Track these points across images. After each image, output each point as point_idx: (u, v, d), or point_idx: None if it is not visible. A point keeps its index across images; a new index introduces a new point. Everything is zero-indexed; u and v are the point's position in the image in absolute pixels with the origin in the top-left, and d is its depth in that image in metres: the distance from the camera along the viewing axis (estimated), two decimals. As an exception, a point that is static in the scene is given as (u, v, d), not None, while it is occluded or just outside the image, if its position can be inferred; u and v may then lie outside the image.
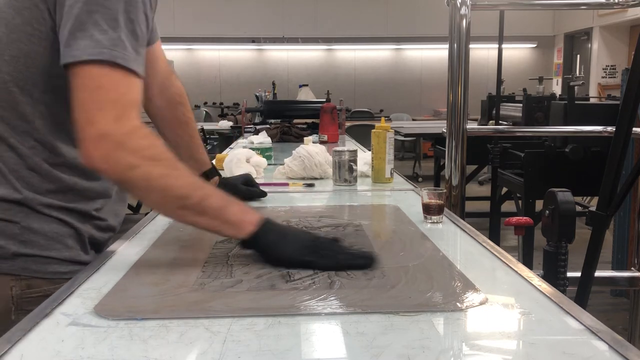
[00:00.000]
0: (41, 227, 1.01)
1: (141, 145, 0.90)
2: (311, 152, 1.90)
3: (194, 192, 0.93)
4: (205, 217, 0.94)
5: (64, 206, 1.03)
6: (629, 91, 2.01)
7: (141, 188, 0.91)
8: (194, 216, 0.94)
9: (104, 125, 0.87)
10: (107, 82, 0.89)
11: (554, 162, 3.04)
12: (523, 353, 0.69)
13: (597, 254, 2.06)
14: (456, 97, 2.40)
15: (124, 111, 0.90)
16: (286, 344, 0.70)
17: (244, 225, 0.95)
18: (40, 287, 1.01)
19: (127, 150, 0.89)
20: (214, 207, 0.94)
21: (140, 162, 0.89)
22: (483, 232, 1.27)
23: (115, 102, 0.89)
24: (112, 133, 0.88)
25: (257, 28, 9.16)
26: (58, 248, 1.03)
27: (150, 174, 0.90)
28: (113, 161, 0.88)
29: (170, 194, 0.92)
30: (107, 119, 0.88)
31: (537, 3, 3.01)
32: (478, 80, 8.34)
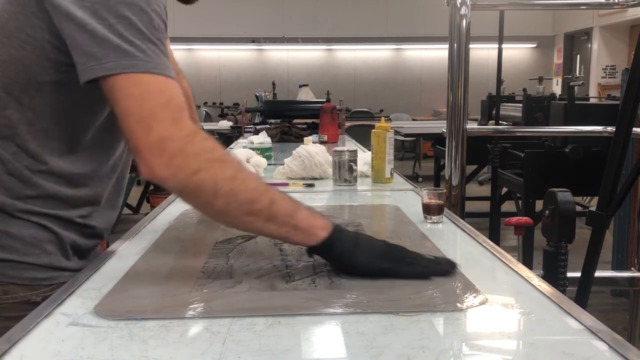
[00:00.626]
0: (19, 232, 0.98)
1: (205, 147, 0.86)
2: (311, 152, 1.90)
3: (262, 196, 0.87)
4: (274, 224, 0.88)
5: (44, 212, 0.99)
6: (629, 91, 2.01)
7: (208, 193, 0.84)
8: (262, 222, 0.87)
9: (162, 130, 0.83)
10: (153, 88, 0.86)
11: (554, 162, 3.04)
12: (523, 353, 0.69)
13: (597, 254, 2.06)
14: (456, 97, 2.41)
15: (178, 114, 0.86)
16: (286, 344, 0.70)
17: (315, 231, 0.90)
18: (16, 293, 0.98)
19: (191, 154, 0.84)
20: (283, 212, 0.88)
21: (205, 165, 0.84)
22: (483, 232, 1.27)
23: (167, 106, 0.85)
24: (173, 136, 0.83)
25: (257, 28, 9.17)
26: (36, 254, 0.99)
27: (218, 177, 0.85)
28: (177, 167, 0.83)
29: (239, 199, 0.85)
30: (165, 123, 0.84)
31: (537, 3, 3.01)
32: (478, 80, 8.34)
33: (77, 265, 1.05)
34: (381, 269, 0.91)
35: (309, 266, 0.98)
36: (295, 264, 0.99)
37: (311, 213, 0.91)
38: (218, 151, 0.87)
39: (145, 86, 0.86)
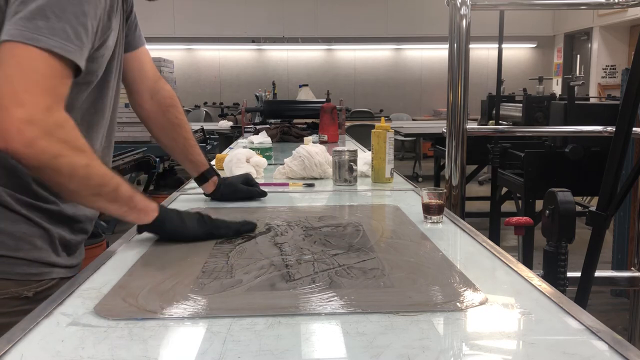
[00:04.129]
0: (8, 227, 0.98)
1: (70, 136, 0.91)
2: (311, 152, 1.90)
3: (109, 181, 0.98)
4: (116, 204, 1.01)
5: (33, 204, 1.01)
6: (629, 91, 2.01)
7: (64, 175, 0.91)
8: (106, 202, 0.99)
9: (31, 110, 0.84)
10: (44, 70, 0.87)
11: (554, 162, 3.04)
12: (523, 353, 0.69)
13: (597, 254, 2.06)
14: (456, 97, 2.41)
15: (55, 101, 0.88)
16: (286, 344, 0.70)
17: (149, 212, 1.08)
18: (7, 288, 0.98)
19: (55, 140, 0.87)
20: (125, 195, 1.01)
21: (67, 152, 0.90)
22: (483, 232, 1.27)
23: (48, 91, 0.87)
24: (42, 120, 0.85)
25: (257, 28, 9.17)
26: (27, 249, 1.00)
27: (75, 163, 0.91)
28: (39, 148, 0.86)
29: (90, 182, 0.95)
30: (38, 106, 0.85)
31: (537, 3, 3.01)
32: (478, 80, 8.35)
33: (65, 261, 1.06)
34: (206, 232, 1.14)
35: (309, 266, 0.98)
36: (295, 264, 0.99)
37: (145, 198, 1.08)
38: (80, 140, 0.93)
39: (37, 63, 0.86)
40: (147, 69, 1.33)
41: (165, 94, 1.37)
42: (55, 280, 1.03)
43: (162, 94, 1.36)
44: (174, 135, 1.40)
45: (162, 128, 1.38)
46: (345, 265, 0.98)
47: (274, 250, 1.08)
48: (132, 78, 1.30)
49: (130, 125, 3.80)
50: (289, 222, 1.29)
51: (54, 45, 0.87)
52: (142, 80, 1.32)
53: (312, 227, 1.25)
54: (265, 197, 1.57)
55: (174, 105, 1.39)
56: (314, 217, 1.35)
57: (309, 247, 1.09)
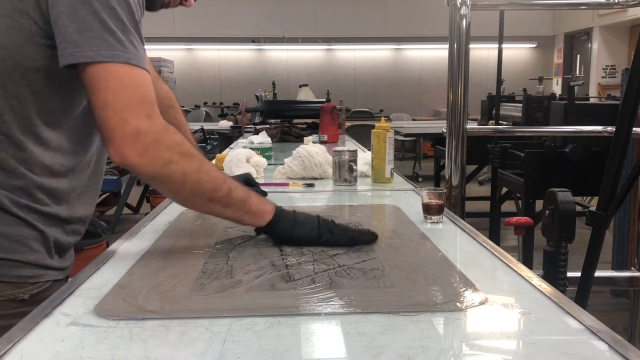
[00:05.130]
0: (5, 229, 0.97)
1: (175, 141, 0.95)
2: (311, 152, 1.90)
3: (222, 186, 1.00)
4: (231, 209, 1.02)
5: (30, 205, 1.00)
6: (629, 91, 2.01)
7: (177, 182, 0.95)
8: (220, 208, 1.01)
9: (138, 123, 0.90)
10: (131, 83, 0.91)
11: (554, 162, 3.04)
12: (523, 353, 0.69)
13: (597, 254, 2.06)
14: (456, 97, 2.41)
15: (152, 109, 0.93)
16: (286, 344, 0.70)
17: (263, 215, 1.07)
18: (4, 290, 0.98)
19: (164, 146, 0.92)
20: (239, 199, 1.02)
21: (177, 157, 0.94)
22: (483, 232, 1.27)
23: (143, 102, 0.92)
24: (148, 130, 0.91)
25: (257, 28, 9.17)
26: (23, 251, 1.00)
27: (187, 168, 0.95)
28: (151, 157, 0.91)
29: (203, 188, 0.97)
30: (140, 118, 0.91)
31: (537, 3, 3.01)
32: (478, 80, 8.35)
33: (58, 263, 1.06)
34: (316, 240, 1.08)
35: (309, 266, 0.98)
36: (295, 264, 0.99)
37: (260, 199, 1.08)
38: (186, 145, 0.97)
39: (123, 79, 0.91)
40: None
41: (164, 95, 1.37)
42: (49, 283, 1.03)
43: (160, 95, 1.36)
44: None
45: None
46: (345, 265, 0.98)
47: (274, 251, 1.08)
48: None
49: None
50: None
51: (130, 58, 0.91)
52: None
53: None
54: (265, 197, 1.57)
55: (173, 105, 1.39)
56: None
57: (309, 247, 1.09)
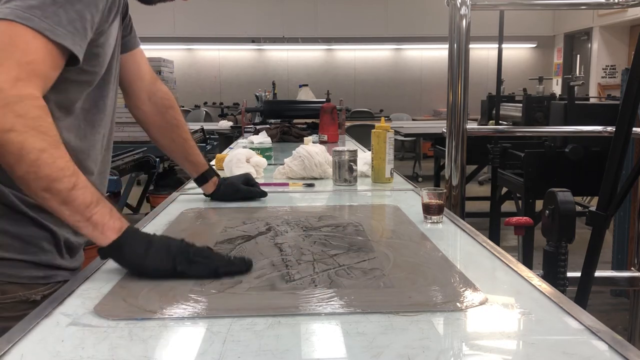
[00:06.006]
0: (16, 230, 0.97)
1: (30, 113, 0.83)
2: (311, 152, 1.90)
3: (65, 178, 0.85)
4: (68, 208, 0.86)
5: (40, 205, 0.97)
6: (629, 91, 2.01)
7: (12, 154, 0.82)
8: (57, 203, 0.86)
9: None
10: (23, 44, 0.84)
11: (554, 162, 3.04)
12: (523, 353, 0.69)
13: (597, 254, 2.06)
14: (456, 97, 2.41)
15: (28, 76, 0.83)
16: (286, 344, 0.70)
17: (106, 230, 0.89)
18: (15, 292, 0.97)
19: (12, 112, 0.81)
20: (81, 200, 0.87)
21: (22, 128, 0.82)
22: (483, 232, 1.27)
23: (23, 65, 0.83)
24: (4, 90, 0.81)
25: (257, 28, 9.17)
26: (34, 252, 0.99)
27: (27, 143, 0.82)
28: None
29: (41, 172, 0.84)
30: (6, 76, 0.81)
31: (537, 3, 3.01)
32: (478, 80, 8.35)
33: (69, 263, 1.06)
34: (171, 271, 0.90)
35: (309, 266, 0.98)
36: (295, 264, 0.99)
37: (111, 212, 0.90)
38: (43, 121, 0.85)
39: (18, 39, 0.83)
40: (143, 70, 1.33)
41: (163, 95, 1.36)
42: (60, 284, 1.03)
43: (160, 95, 1.36)
44: (172, 136, 1.39)
45: (160, 129, 1.38)
46: (345, 265, 0.98)
47: (274, 251, 1.08)
48: (129, 80, 1.30)
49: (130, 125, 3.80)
50: (289, 222, 1.29)
51: (45, 28, 0.84)
52: (139, 82, 1.32)
53: (312, 227, 1.25)
54: (265, 197, 1.57)
55: (172, 106, 1.38)
56: (314, 217, 1.35)
57: (309, 247, 1.09)
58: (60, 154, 0.86)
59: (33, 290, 0.98)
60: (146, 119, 1.36)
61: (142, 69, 1.32)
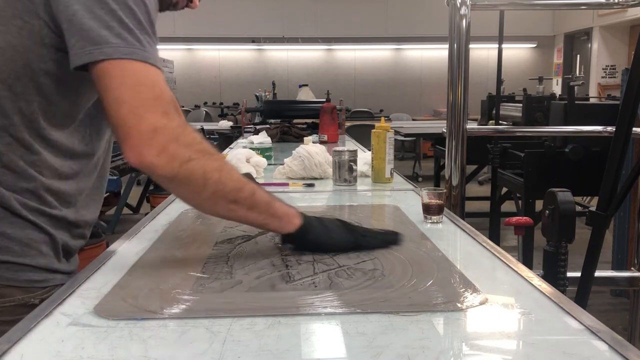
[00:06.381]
0: (15, 233, 0.97)
1: (194, 139, 0.90)
2: (311, 152, 1.90)
3: (245, 186, 0.94)
4: (255, 211, 0.95)
5: (39, 208, 0.99)
6: (629, 91, 2.01)
7: (198, 182, 0.89)
8: (244, 210, 0.94)
9: (155, 120, 0.86)
10: (146, 80, 0.89)
11: (554, 162, 3.04)
12: (523, 353, 0.69)
13: (597, 254, 2.06)
14: (456, 97, 2.41)
15: (168, 107, 0.89)
16: (286, 344, 0.70)
17: (291, 219, 0.99)
18: (13, 295, 0.97)
19: (183, 144, 0.88)
20: (263, 201, 0.96)
21: (196, 155, 0.89)
22: (483, 232, 1.27)
23: (159, 99, 0.89)
24: (165, 127, 0.87)
25: (257, 28, 9.17)
26: (32, 255, 0.99)
27: (207, 167, 0.90)
28: (169, 155, 0.86)
29: (226, 188, 0.92)
30: (157, 115, 0.87)
31: (537, 3, 3.01)
32: (478, 80, 8.35)
33: (66, 267, 1.05)
34: (353, 243, 1.04)
35: (309, 266, 0.98)
36: (295, 264, 0.99)
37: (284, 203, 1.00)
38: (205, 143, 0.92)
39: (139, 77, 0.88)
40: None
41: None
42: (57, 287, 1.03)
43: None
44: None
45: None
46: (345, 265, 0.98)
47: (274, 251, 1.08)
48: None
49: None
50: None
51: (147, 57, 0.89)
52: None
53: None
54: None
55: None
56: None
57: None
58: (230, 167, 0.95)
59: (31, 293, 0.98)
60: None
61: None
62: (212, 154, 0.92)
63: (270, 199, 0.98)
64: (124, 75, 0.87)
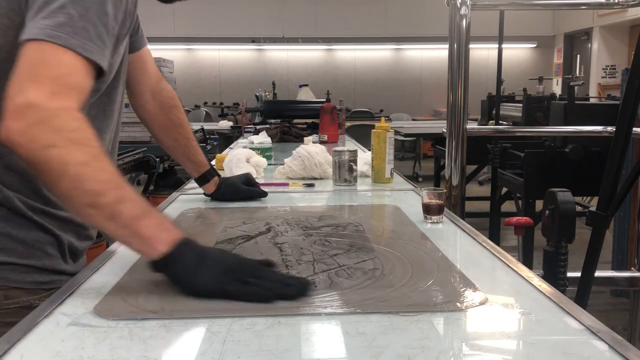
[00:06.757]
0: (20, 234, 0.96)
1: (68, 125, 0.81)
2: (311, 152, 1.90)
3: (110, 191, 0.82)
4: (114, 223, 0.82)
5: (44, 209, 0.98)
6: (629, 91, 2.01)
7: (53, 172, 0.80)
8: (103, 219, 0.82)
9: (33, 95, 0.79)
10: (54, 60, 0.82)
11: (554, 162, 3.04)
12: (523, 353, 0.69)
13: (597, 254, 2.06)
14: (456, 97, 2.41)
15: (63, 89, 0.81)
16: (286, 344, 0.70)
17: (155, 243, 0.83)
18: (19, 297, 0.96)
19: (51, 128, 0.79)
20: (128, 213, 0.82)
21: (61, 142, 0.79)
22: (483, 232, 1.27)
23: (55, 79, 0.81)
24: (40, 105, 0.79)
25: (257, 28, 9.17)
26: (38, 256, 0.98)
27: (69, 157, 0.80)
28: (31, 136, 0.78)
29: (83, 187, 0.80)
30: (39, 92, 0.79)
31: (537, 3, 3.01)
32: (478, 80, 8.35)
33: (73, 268, 1.05)
34: (220, 290, 0.82)
35: (309, 266, 0.98)
36: (295, 264, 0.99)
37: (162, 223, 0.85)
38: (83, 133, 0.82)
39: (46, 56, 0.82)
40: (149, 70, 1.32)
41: (167, 94, 1.36)
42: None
43: (164, 95, 1.36)
44: (175, 135, 1.39)
45: (163, 128, 1.38)
46: (345, 265, 0.98)
47: (274, 251, 1.08)
48: (135, 79, 1.29)
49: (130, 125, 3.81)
50: (289, 222, 1.29)
51: (75, 44, 0.83)
52: (145, 81, 1.31)
53: (312, 227, 1.25)
54: (265, 197, 1.57)
55: (176, 105, 1.38)
56: (314, 217, 1.35)
57: (309, 247, 1.09)
58: (103, 166, 0.83)
59: (36, 295, 0.98)
60: (150, 118, 1.36)
61: (148, 68, 1.32)
62: (83, 145, 0.81)
63: (141, 214, 0.83)
64: (33, 51, 0.82)
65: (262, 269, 0.87)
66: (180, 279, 0.84)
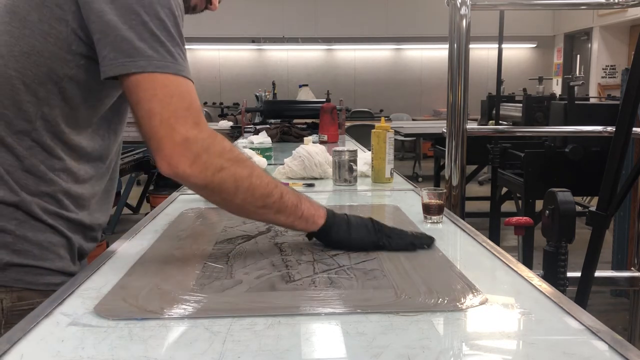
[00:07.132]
0: (35, 236, 0.98)
1: (225, 147, 0.93)
2: (311, 152, 1.90)
3: (274, 190, 0.97)
4: (283, 215, 0.99)
5: (57, 212, 1.00)
6: (629, 91, 2.01)
7: (230, 189, 0.93)
8: (273, 214, 0.98)
9: (186, 131, 0.89)
10: (178, 92, 0.91)
11: (554, 162, 3.05)
12: (523, 353, 0.69)
13: (597, 254, 2.06)
14: (456, 97, 2.41)
15: (198, 117, 0.91)
16: (286, 344, 0.70)
17: (316, 220, 1.03)
18: (32, 299, 0.97)
19: (214, 153, 0.91)
20: (291, 204, 0.99)
21: (228, 164, 0.92)
22: (483, 232, 1.27)
23: (189, 110, 0.91)
24: (197, 138, 0.89)
25: (257, 28, 9.17)
26: (51, 258, 1.00)
27: (238, 175, 0.93)
28: (202, 165, 0.90)
29: (255, 194, 0.95)
30: (188, 126, 0.89)
31: (537, 3, 3.01)
32: (478, 80, 8.35)
33: (79, 270, 1.06)
34: (374, 243, 1.05)
35: (309, 266, 0.98)
36: (295, 264, 0.99)
37: (312, 203, 1.04)
38: (235, 151, 0.95)
39: (170, 88, 0.90)
40: None
41: None
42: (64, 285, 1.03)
43: None
44: None
45: None
46: (345, 266, 0.98)
47: (274, 251, 1.08)
48: None
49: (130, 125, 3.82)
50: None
51: (180, 69, 0.91)
52: None
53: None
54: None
55: None
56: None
57: (309, 247, 1.09)
58: (261, 172, 0.98)
59: (48, 297, 0.98)
60: None
61: None
62: (243, 161, 0.95)
63: (298, 202, 1.01)
64: (156, 87, 0.89)
65: (394, 229, 1.09)
66: (340, 240, 1.05)
